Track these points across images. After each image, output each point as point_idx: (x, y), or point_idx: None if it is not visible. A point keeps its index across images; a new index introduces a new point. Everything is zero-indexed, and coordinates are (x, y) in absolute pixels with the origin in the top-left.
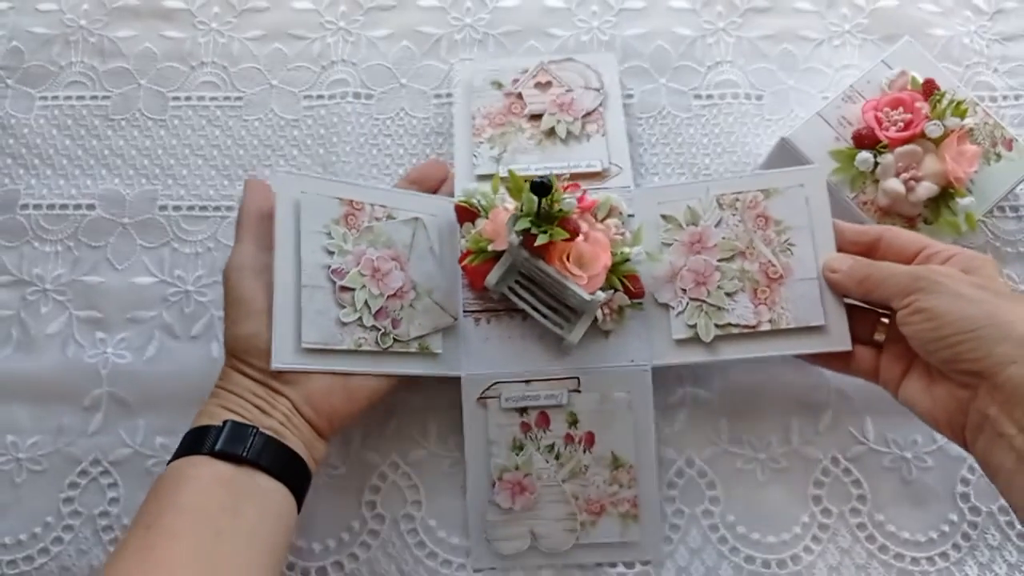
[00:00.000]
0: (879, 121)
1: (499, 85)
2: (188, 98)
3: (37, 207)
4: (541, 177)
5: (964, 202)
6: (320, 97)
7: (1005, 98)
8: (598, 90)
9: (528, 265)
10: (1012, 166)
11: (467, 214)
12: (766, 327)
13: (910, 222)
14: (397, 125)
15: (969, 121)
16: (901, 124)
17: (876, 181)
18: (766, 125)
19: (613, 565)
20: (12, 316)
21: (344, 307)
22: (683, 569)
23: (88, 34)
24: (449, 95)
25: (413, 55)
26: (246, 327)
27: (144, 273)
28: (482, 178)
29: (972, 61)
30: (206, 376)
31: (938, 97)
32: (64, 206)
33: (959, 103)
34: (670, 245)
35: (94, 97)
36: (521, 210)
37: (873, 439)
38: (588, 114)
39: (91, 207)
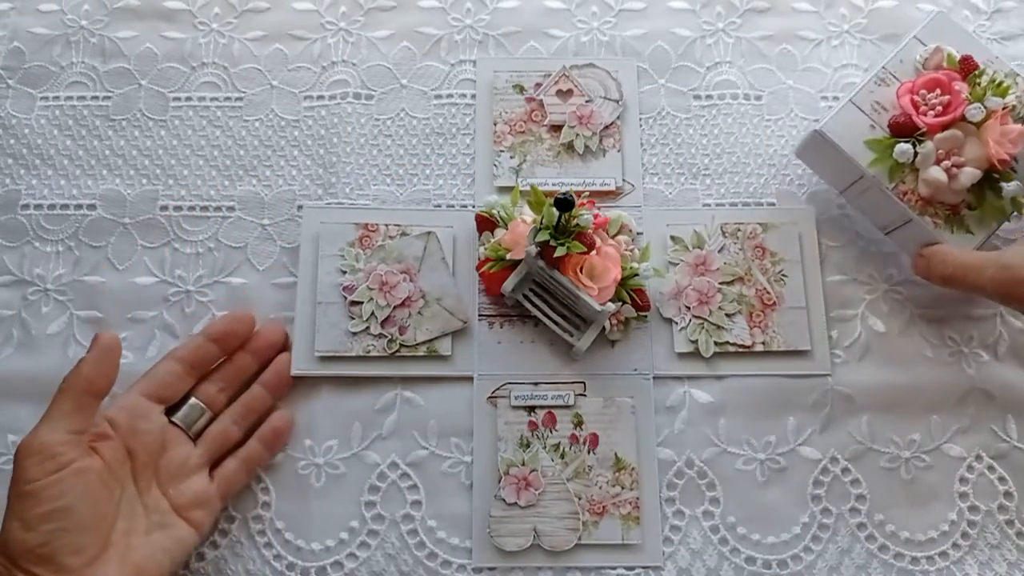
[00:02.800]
0: (915, 105)
1: (521, 89)
2: (189, 98)
3: (38, 207)
4: (564, 194)
5: (1010, 187)
6: (320, 98)
7: None
8: (617, 101)
9: (543, 275)
10: None
11: (487, 224)
12: (759, 348)
13: (953, 209)
14: (397, 126)
15: (1011, 99)
16: (939, 108)
17: (915, 169)
18: (765, 125)
19: (613, 568)
20: (13, 316)
21: (353, 319)
22: (684, 570)
23: (89, 34)
24: (450, 95)
25: (413, 56)
26: (36, 532)
27: (145, 273)
28: (502, 190)
29: None
30: None
31: (977, 76)
32: (65, 206)
33: (1000, 82)
34: (676, 264)
35: (95, 97)
36: (541, 223)
37: (872, 439)
38: (606, 128)
39: (92, 207)
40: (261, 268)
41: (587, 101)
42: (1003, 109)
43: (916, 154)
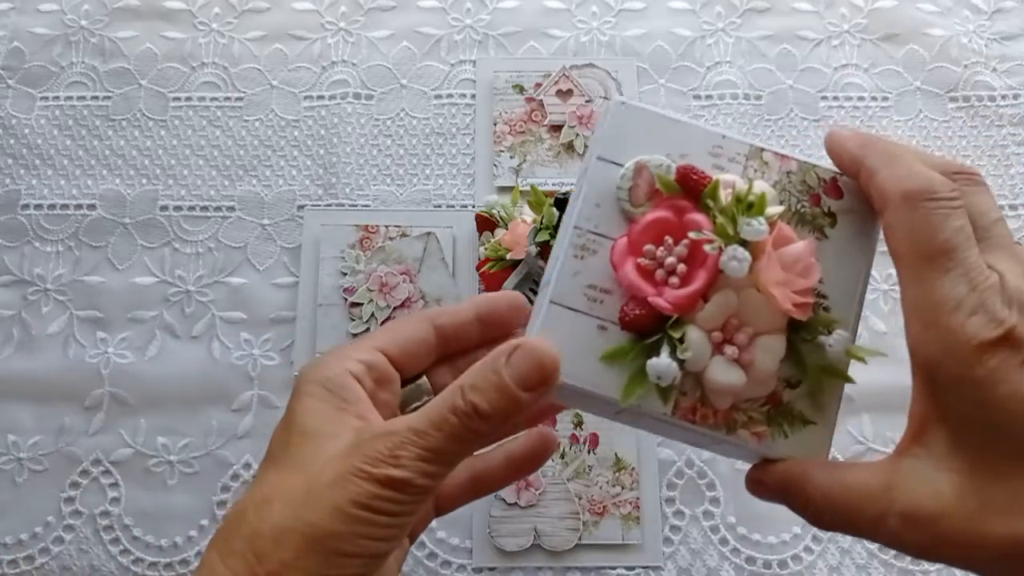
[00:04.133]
0: (647, 275)
1: (521, 89)
2: (189, 98)
3: (38, 207)
4: (564, 194)
5: (835, 340)
6: (320, 98)
7: (1004, 97)
8: None
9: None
10: (853, 222)
11: (486, 224)
12: None
13: (771, 401)
14: (397, 126)
15: (774, 209)
16: (683, 267)
17: (694, 374)
18: (765, 125)
19: (613, 568)
20: (13, 316)
21: (354, 320)
22: (684, 570)
23: (89, 34)
24: (450, 95)
25: (413, 56)
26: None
27: (145, 273)
28: (502, 190)
29: (971, 61)
30: (207, 376)
31: (711, 193)
32: (65, 206)
33: (747, 198)
34: None
35: (95, 97)
36: (541, 223)
37: (872, 438)
38: None
39: (92, 207)
40: (261, 268)
41: (587, 101)
42: (773, 228)
43: (682, 361)
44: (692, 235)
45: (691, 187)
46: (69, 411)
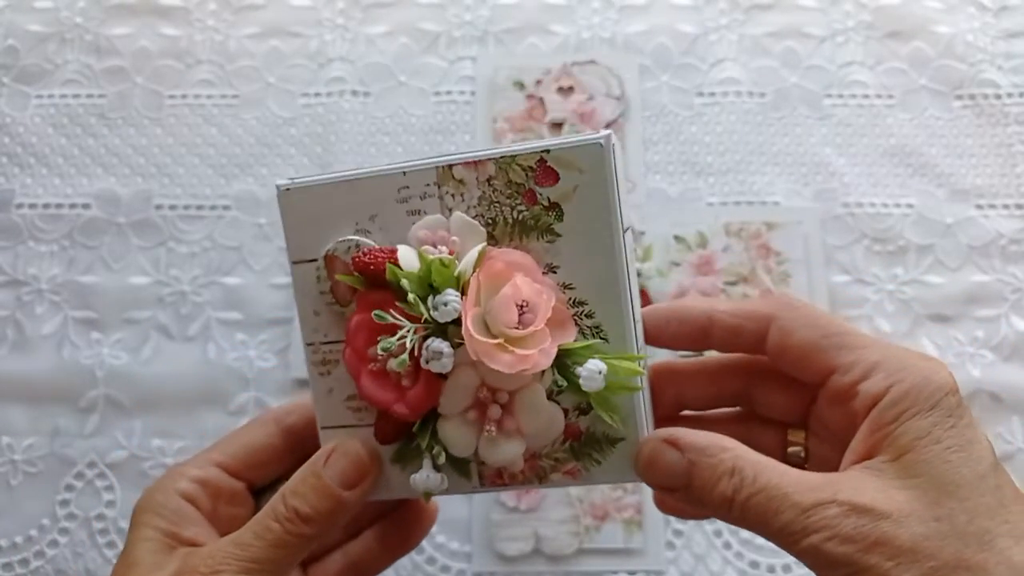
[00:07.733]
0: (383, 380)
1: (521, 86)
2: (184, 96)
3: (32, 206)
4: None
5: (588, 370)
6: (318, 95)
7: (1010, 95)
8: (619, 98)
9: None
10: (582, 202)
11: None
12: None
13: (570, 435)
14: (396, 123)
15: (466, 262)
16: (407, 364)
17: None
18: (769, 123)
19: (615, 573)
20: (7, 316)
21: None
22: (687, 575)
23: (84, 32)
24: (449, 92)
25: (412, 52)
26: None
27: (140, 273)
28: None
29: (976, 59)
30: (202, 377)
31: (392, 278)
32: (59, 205)
33: (432, 269)
34: (679, 265)
35: (90, 95)
36: None
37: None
38: (608, 125)
39: (86, 206)
40: (257, 268)
41: (588, 98)
42: (468, 288)
43: (443, 464)
44: (380, 350)
45: (372, 276)
46: (63, 413)
